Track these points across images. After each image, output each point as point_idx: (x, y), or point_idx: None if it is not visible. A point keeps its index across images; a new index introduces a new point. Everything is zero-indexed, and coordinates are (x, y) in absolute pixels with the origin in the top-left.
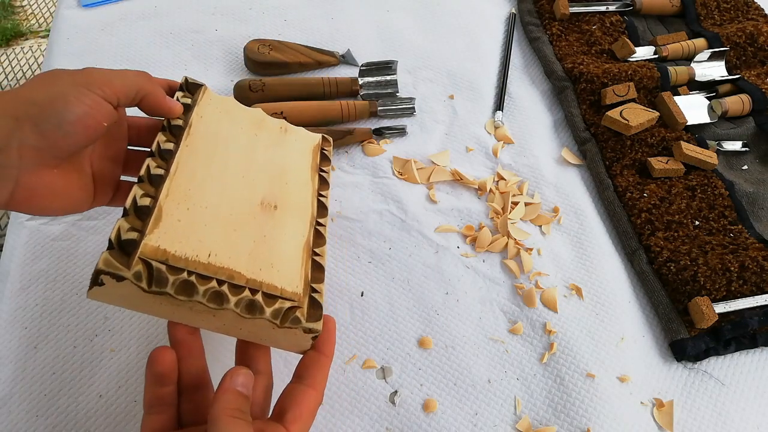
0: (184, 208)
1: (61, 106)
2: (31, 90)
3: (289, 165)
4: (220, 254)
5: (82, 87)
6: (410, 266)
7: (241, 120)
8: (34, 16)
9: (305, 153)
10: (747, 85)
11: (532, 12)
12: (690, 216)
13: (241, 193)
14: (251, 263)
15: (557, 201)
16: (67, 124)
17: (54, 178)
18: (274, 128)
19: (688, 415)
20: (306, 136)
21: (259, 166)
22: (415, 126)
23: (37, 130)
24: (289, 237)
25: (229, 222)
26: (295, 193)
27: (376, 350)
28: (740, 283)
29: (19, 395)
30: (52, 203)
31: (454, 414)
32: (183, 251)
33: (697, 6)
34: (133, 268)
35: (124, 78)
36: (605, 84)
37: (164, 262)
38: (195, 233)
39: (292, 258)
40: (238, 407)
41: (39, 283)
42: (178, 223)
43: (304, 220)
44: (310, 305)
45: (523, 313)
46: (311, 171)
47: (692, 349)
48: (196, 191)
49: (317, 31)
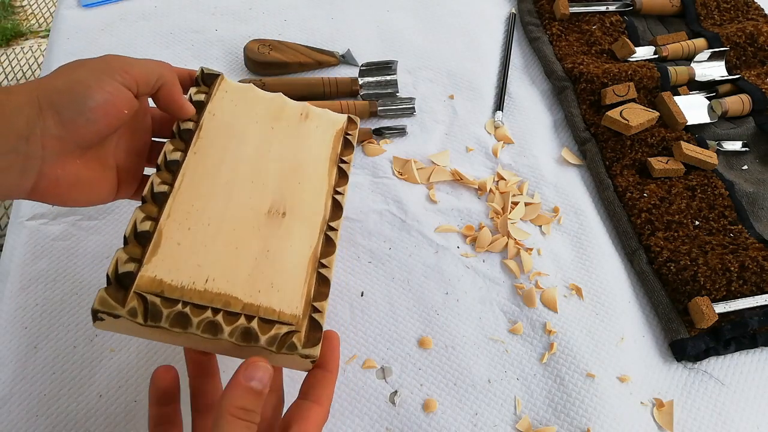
0: (185, 228)
1: (82, 93)
2: (53, 78)
3: (306, 158)
4: (218, 278)
5: (102, 74)
6: (410, 266)
7: (257, 112)
8: (34, 16)
9: (326, 141)
10: (747, 85)
11: (532, 12)
12: (690, 216)
13: (248, 202)
14: (250, 285)
15: (557, 201)
16: (89, 111)
17: (78, 168)
18: (293, 116)
19: (688, 415)
20: (329, 119)
21: (273, 164)
22: (415, 126)
23: (59, 118)
24: (295, 249)
25: (231, 239)
26: (308, 193)
27: (376, 350)
28: (740, 283)
29: (19, 395)
30: (76, 194)
31: (454, 414)
32: (180, 279)
33: (697, 6)
34: (128, 304)
35: (144, 65)
36: (605, 84)
37: (159, 294)
38: (194, 257)
39: (296, 273)
40: (243, 406)
41: (39, 283)
42: (178, 246)
43: (314, 227)
44: (310, 328)
45: (523, 313)
46: (329, 164)
47: (692, 349)
48: (199, 206)
49: (317, 31)
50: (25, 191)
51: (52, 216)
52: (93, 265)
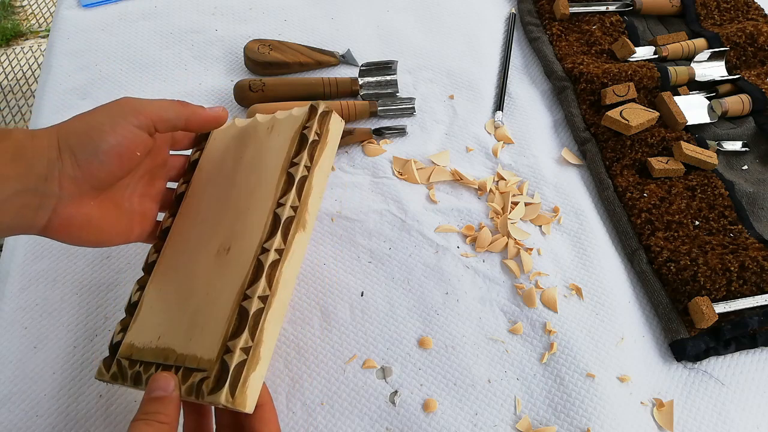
0: (157, 290)
1: (97, 136)
2: (73, 122)
3: (262, 176)
4: (166, 333)
5: (116, 117)
6: (410, 266)
7: (234, 147)
8: (34, 16)
9: (283, 148)
10: (747, 85)
11: (532, 12)
12: (690, 216)
13: (205, 246)
14: (186, 334)
15: (557, 201)
16: (102, 153)
17: (91, 210)
18: (262, 133)
19: (688, 415)
20: (289, 121)
21: (233, 197)
22: (415, 126)
23: (75, 160)
24: (228, 285)
25: (184, 290)
26: (252, 218)
27: (376, 350)
28: (740, 283)
29: (19, 395)
30: (87, 234)
31: (454, 414)
32: (143, 341)
33: (697, 6)
34: (111, 370)
35: (159, 105)
36: (605, 84)
37: (129, 357)
38: (156, 316)
39: (221, 313)
40: (146, 411)
41: (39, 283)
42: (150, 310)
43: (249, 254)
44: (220, 371)
45: (523, 313)
46: (279, 173)
47: (692, 349)
48: (169, 266)
49: (317, 31)
50: (39, 228)
51: None
52: (93, 265)
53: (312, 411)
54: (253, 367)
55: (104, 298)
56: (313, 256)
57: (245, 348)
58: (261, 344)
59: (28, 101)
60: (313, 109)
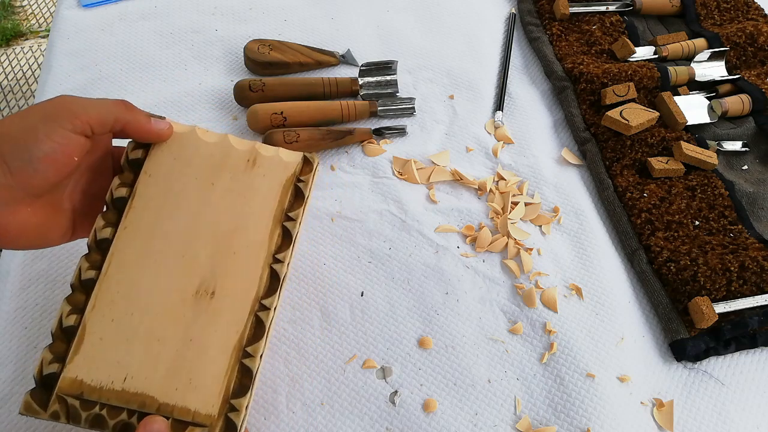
0: (108, 320)
1: (31, 143)
2: (6, 125)
3: (247, 219)
4: (137, 376)
5: (51, 122)
6: (410, 266)
7: (198, 164)
8: (34, 16)
9: (272, 193)
10: (747, 85)
11: (532, 12)
12: (690, 216)
13: (176, 283)
14: (168, 382)
15: (557, 201)
16: (36, 161)
17: (27, 216)
18: (239, 164)
19: (688, 415)
20: (278, 164)
21: (208, 231)
22: (415, 126)
23: (7, 168)
24: (220, 336)
25: (154, 329)
26: (242, 264)
27: (376, 350)
28: (740, 283)
29: (19, 395)
30: (25, 239)
31: (454, 414)
32: (99, 379)
33: (697, 6)
34: (50, 408)
35: (99, 107)
36: (605, 84)
37: (79, 397)
38: (114, 352)
39: (217, 366)
40: None
41: (39, 283)
42: (100, 342)
43: (244, 307)
44: (225, 428)
45: (523, 313)
46: (272, 223)
47: (692, 349)
48: (124, 293)
49: (317, 31)
50: None
51: None
52: None
53: (312, 411)
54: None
55: None
56: (313, 256)
57: (248, 405)
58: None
59: (28, 101)
60: (308, 163)
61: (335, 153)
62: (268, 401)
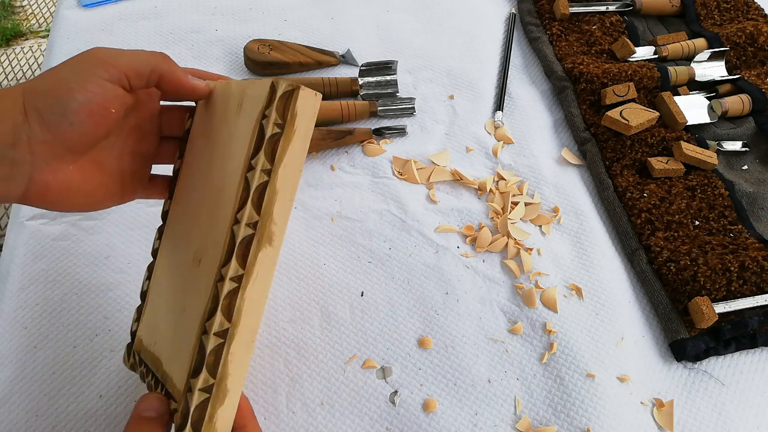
0: (155, 285)
1: (64, 95)
2: (38, 80)
3: (226, 173)
4: (160, 341)
5: (83, 71)
6: (410, 266)
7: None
8: (34, 16)
9: (245, 139)
10: (747, 85)
11: (532, 12)
12: (690, 216)
13: (188, 249)
14: (170, 350)
15: (557, 201)
16: (72, 114)
17: (70, 174)
18: (233, 109)
19: (688, 415)
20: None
21: (210, 188)
22: (415, 126)
23: (43, 122)
24: (194, 307)
25: (172, 297)
26: (219, 227)
27: (376, 350)
28: (740, 283)
29: (19, 395)
30: (70, 200)
31: (454, 414)
32: (147, 339)
33: (697, 6)
34: (129, 361)
35: (135, 56)
36: (605, 84)
37: (139, 353)
38: (154, 316)
39: (190, 342)
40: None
41: (39, 283)
42: (152, 307)
43: (211, 277)
44: (185, 408)
45: (523, 313)
46: (239, 178)
47: (692, 349)
48: (164, 261)
49: (317, 31)
50: (16, 197)
51: (52, 216)
52: (93, 265)
53: (312, 411)
54: (220, 402)
55: (104, 298)
56: (313, 256)
57: (205, 387)
58: (226, 378)
59: None
60: (272, 90)
61: (335, 153)
62: (268, 401)
